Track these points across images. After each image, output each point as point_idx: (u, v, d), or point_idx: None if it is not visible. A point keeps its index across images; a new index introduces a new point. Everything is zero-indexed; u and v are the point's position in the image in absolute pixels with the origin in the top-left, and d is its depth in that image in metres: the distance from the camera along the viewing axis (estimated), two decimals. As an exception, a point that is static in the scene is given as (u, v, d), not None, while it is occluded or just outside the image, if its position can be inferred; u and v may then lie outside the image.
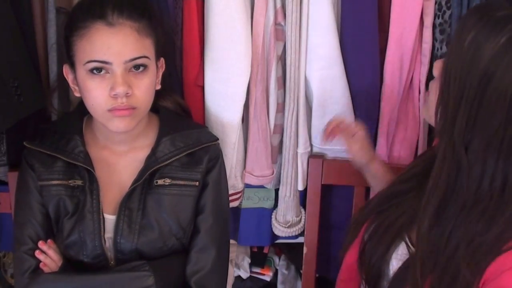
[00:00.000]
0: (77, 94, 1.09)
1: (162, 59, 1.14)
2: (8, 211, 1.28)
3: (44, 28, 1.23)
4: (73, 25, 1.05)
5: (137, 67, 1.04)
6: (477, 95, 0.83)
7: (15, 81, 1.12)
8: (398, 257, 0.95)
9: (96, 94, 1.03)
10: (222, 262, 1.19)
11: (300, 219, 1.42)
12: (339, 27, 1.27)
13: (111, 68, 1.02)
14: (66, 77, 1.11)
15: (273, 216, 1.43)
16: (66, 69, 1.10)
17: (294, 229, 1.41)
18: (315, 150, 1.39)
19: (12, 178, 1.25)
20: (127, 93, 1.02)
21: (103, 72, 1.02)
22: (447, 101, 0.87)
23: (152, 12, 1.09)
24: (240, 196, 1.40)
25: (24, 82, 1.15)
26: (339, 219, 1.44)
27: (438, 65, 0.95)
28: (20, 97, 1.14)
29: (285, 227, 1.40)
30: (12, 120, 1.14)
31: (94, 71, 1.02)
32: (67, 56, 1.08)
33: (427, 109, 1.00)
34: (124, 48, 1.02)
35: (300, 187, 1.38)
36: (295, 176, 1.36)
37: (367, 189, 1.35)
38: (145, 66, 1.05)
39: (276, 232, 1.42)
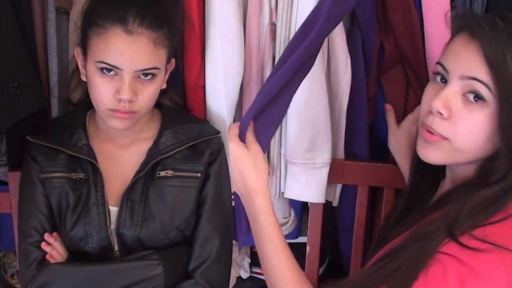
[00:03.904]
0: (84, 78, 1.11)
1: (173, 60, 1.15)
2: (8, 211, 1.28)
3: (44, 28, 1.22)
4: (92, 19, 1.05)
5: (145, 74, 1.05)
6: None
7: (15, 81, 1.12)
8: None
9: (101, 91, 1.05)
10: (226, 252, 1.20)
11: (288, 220, 1.41)
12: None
13: (120, 73, 1.03)
14: (77, 59, 1.12)
15: (261, 215, 1.42)
16: (77, 52, 1.12)
17: (281, 229, 1.39)
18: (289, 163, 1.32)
19: (12, 178, 1.24)
20: (131, 100, 1.04)
21: (112, 73, 1.04)
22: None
23: (172, 21, 1.09)
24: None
25: (24, 82, 1.15)
26: (344, 218, 1.43)
27: (444, 104, 0.90)
28: (20, 97, 1.13)
29: None
30: (12, 120, 1.14)
31: (104, 71, 1.04)
32: (81, 42, 1.09)
33: (454, 151, 0.91)
34: (137, 58, 1.03)
35: (283, 189, 1.36)
36: (280, 176, 1.35)
37: (370, 188, 1.35)
38: (153, 75, 1.06)
39: None
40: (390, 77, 1.31)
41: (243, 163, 1.00)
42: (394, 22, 1.24)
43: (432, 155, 0.93)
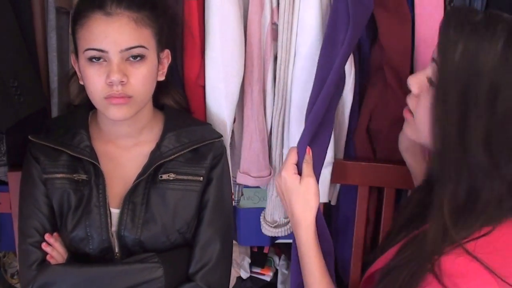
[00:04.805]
0: (81, 82, 1.12)
1: (167, 51, 1.15)
2: (8, 211, 1.28)
3: (44, 28, 1.23)
4: (76, 15, 1.08)
5: (134, 56, 1.06)
6: (487, 111, 0.80)
7: (15, 81, 1.12)
8: None
9: (94, 81, 1.06)
10: (226, 256, 1.20)
11: (289, 221, 1.41)
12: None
13: (108, 57, 1.04)
14: (74, 66, 1.14)
15: (261, 215, 1.42)
16: (73, 58, 1.13)
17: (281, 229, 1.39)
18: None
19: (12, 178, 1.24)
20: (122, 81, 1.04)
21: (101, 60, 1.05)
22: (450, 122, 0.82)
23: (154, 4, 1.10)
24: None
25: (24, 82, 1.15)
26: (343, 219, 1.43)
27: (416, 81, 0.91)
28: (20, 97, 1.14)
29: (272, 226, 1.39)
30: (12, 120, 1.14)
31: (93, 60, 1.05)
32: (73, 44, 1.11)
33: (416, 130, 0.95)
34: (120, 37, 1.04)
35: None
36: None
37: (371, 189, 1.35)
38: (142, 56, 1.07)
39: (264, 231, 1.40)
40: (374, 81, 1.30)
41: (292, 195, 1.04)
42: (379, 19, 1.22)
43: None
